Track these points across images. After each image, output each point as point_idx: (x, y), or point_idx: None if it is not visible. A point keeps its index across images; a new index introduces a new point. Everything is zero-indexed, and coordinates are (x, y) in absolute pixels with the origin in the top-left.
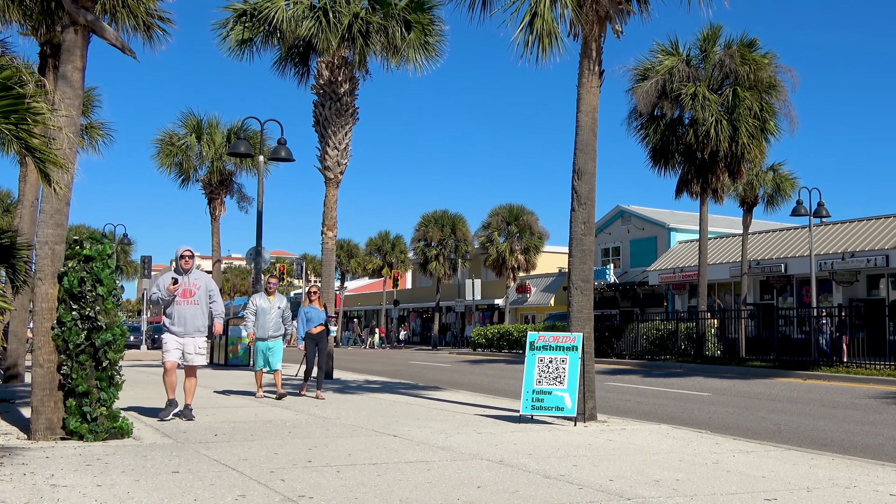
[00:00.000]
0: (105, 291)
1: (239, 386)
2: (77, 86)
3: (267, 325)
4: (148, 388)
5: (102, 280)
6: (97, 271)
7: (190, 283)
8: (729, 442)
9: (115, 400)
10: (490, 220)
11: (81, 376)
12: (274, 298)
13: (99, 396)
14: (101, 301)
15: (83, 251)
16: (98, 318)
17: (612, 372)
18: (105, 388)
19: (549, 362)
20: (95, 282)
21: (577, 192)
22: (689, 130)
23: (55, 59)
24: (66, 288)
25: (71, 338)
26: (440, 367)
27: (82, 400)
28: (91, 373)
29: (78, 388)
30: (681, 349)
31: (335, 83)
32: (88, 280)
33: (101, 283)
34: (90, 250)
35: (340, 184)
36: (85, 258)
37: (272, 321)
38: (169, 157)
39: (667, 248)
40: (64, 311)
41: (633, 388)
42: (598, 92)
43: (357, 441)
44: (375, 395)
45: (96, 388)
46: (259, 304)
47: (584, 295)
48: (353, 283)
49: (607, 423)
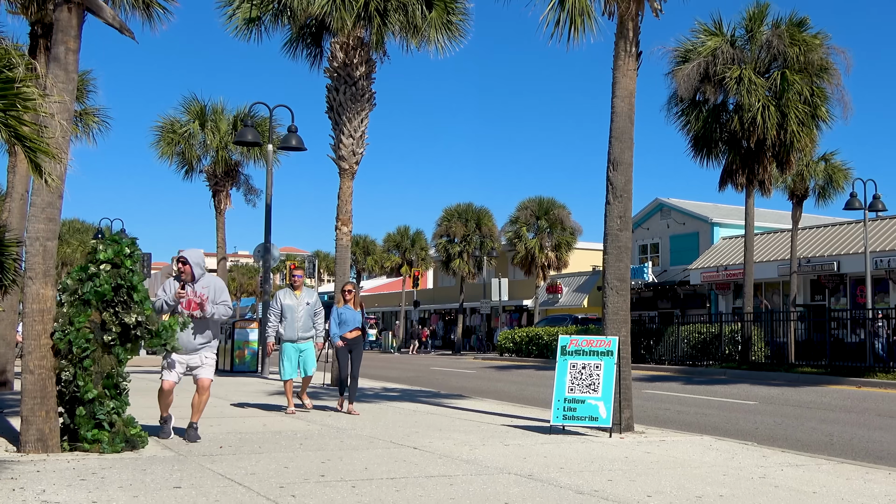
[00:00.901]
0: (142, 298)
1: (253, 396)
2: (71, 69)
3: (296, 325)
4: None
5: (136, 287)
6: (129, 277)
7: (197, 294)
8: (777, 455)
9: (126, 406)
10: (518, 214)
11: (88, 382)
12: (301, 294)
13: (112, 404)
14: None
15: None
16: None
17: (650, 379)
18: (115, 395)
19: (582, 368)
20: (130, 290)
21: (613, 183)
22: (733, 117)
23: (47, 39)
24: (101, 291)
25: (78, 341)
26: (464, 374)
27: (93, 407)
28: (97, 379)
29: (86, 395)
30: (725, 354)
31: (350, 66)
32: (124, 286)
33: (136, 291)
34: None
35: (356, 175)
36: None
37: (301, 320)
38: (170, 145)
39: (709, 245)
40: (76, 313)
41: (673, 397)
42: (634, 75)
43: (374, 454)
44: (394, 403)
45: (106, 394)
46: (284, 301)
47: (620, 295)
48: (370, 282)
49: (645, 434)
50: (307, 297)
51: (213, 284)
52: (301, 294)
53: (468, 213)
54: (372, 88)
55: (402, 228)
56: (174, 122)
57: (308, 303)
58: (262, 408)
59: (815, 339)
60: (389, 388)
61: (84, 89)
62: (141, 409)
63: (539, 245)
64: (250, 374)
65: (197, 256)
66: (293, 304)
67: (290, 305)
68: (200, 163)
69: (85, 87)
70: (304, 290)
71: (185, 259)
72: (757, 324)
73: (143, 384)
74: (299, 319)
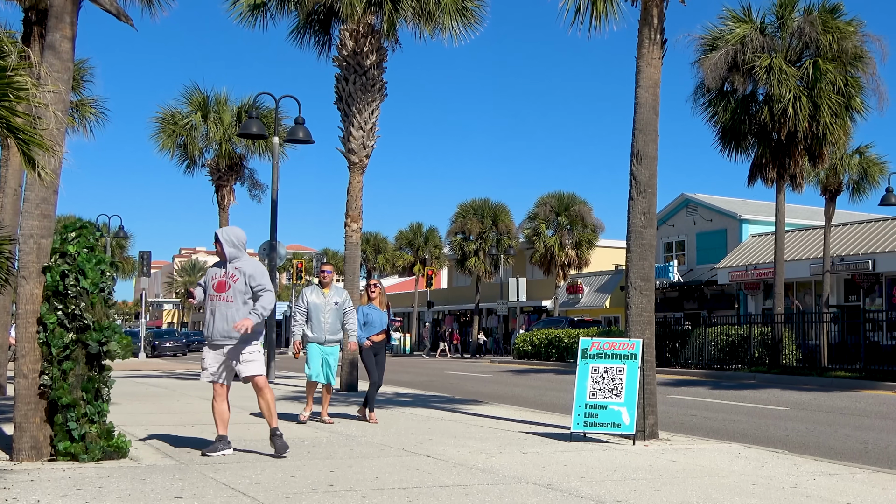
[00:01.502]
0: (89, 284)
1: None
2: (66, 57)
3: (323, 326)
4: (147, 401)
5: (86, 272)
6: (80, 262)
7: (227, 275)
8: (809, 463)
9: (105, 414)
10: (537, 210)
11: (63, 386)
12: (330, 292)
13: (85, 411)
14: (85, 296)
15: (67, 244)
16: (84, 315)
17: (675, 383)
18: (90, 400)
19: (604, 372)
20: (79, 274)
21: (636, 178)
22: (763, 108)
23: (41, 26)
24: (49, 284)
25: (53, 341)
26: (480, 378)
27: (67, 414)
28: (76, 382)
29: (61, 400)
30: (754, 357)
31: (360, 54)
32: (71, 273)
33: (85, 276)
34: (74, 244)
35: (366, 169)
36: (67, 251)
37: (329, 321)
38: (171, 138)
39: (738, 243)
40: (47, 311)
41: (700, 402)
42: (659, 64)
43: (385, 462)
44: (406, 409)
45: (83, 399)
46: (311, 299)
47: (644, 296)
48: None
49: (670, 441)
50: (336, 296)
51: (246, 267)
52: (329, 292)
53: (484, 209)
54: (383, 78)
55: (414, 225)
56: (175, 113)
57: (336, 302)
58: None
59: (849, 341)
60: (401, 393)
61: (80, 79)
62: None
63: (559, 243)
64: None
65: (230, 234)
66: (320, 303)
67: (316, 304)
68: (203, 156)
69: (81, 77)
70: (333, 289)
71: (216, 236)
72: (788, 325)
73: (141, 389)
74: (326, 321)
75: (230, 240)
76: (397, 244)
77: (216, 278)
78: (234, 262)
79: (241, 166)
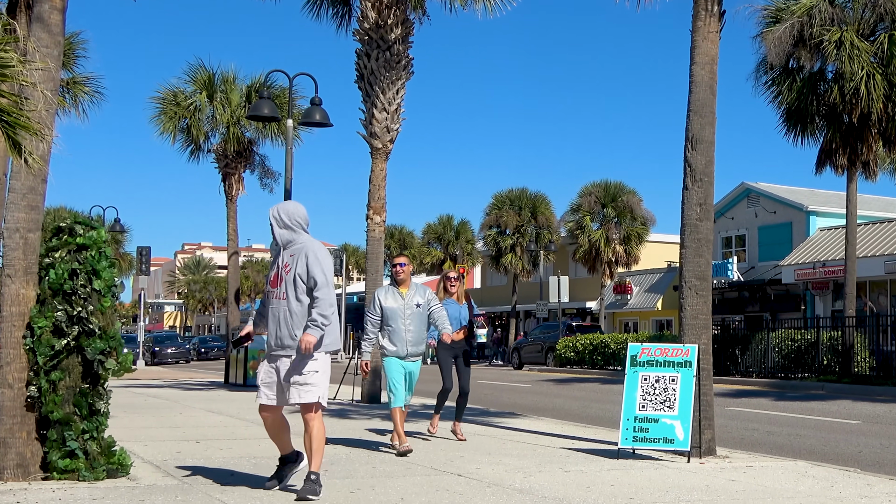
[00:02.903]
0: (102, 286)
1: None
2: (56, 30)
3: (404, 336)
4: (146, 414)
5: (99, 273)
6: (92, 261)
7: (282, 265)
8: (884, 483)
9: (104, 429)
10: (580, 201)
11: (54, 399)
12: (409, 291)
13: (83, 426)
14: (96, 298)
15: (76, 239)
16: (91, 319)
17: (734, 394)
18: (86, 415)
19: (655, 382)
20: (90, 274)
21: (692, 165)
22: (832, 87)
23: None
24: (53, 281)
25: (40, 349)
26: (517, 388)
27: (65, 432)
28: (68, 395)
29: (52, 415)
30: (822, 365)
31: (384, 27)
32: (82, 272)
33: (98, 277)
34: (84, 237)
35: (390, 155)
36: (77, 247)
37: (412, 329)
38: (172, 120)
39: (805, 237)
40: (38, 314)
41: (762, 415)
42: (717, 38)
43: (411, 481)
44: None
45: (76, 414)
46: (386, 303)
47: (700, 296)
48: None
49: (729, 458)
50: (418, 296)
51: (302, 251)
52: (408, 292)
53: (522, 200)
54: (409, 54)
55: (444, 218)
56: (177, 92)
57: (418, 304)
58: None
59: None
60: (429, 404)
61: (72, 55)
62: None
63: (605, 237)
64: None
65: (281, 211)
66: (398, 306)
67: (393, 309)
68: (208, 141)
69: (73, 52)
70: (413, 287)
71: (277, 214)
72: (860, 330)
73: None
74: (408, 328)
75: (280, 218)
76: (425, 239)
77: (272, 269)
78: (289, 247)
79: (251, 152)
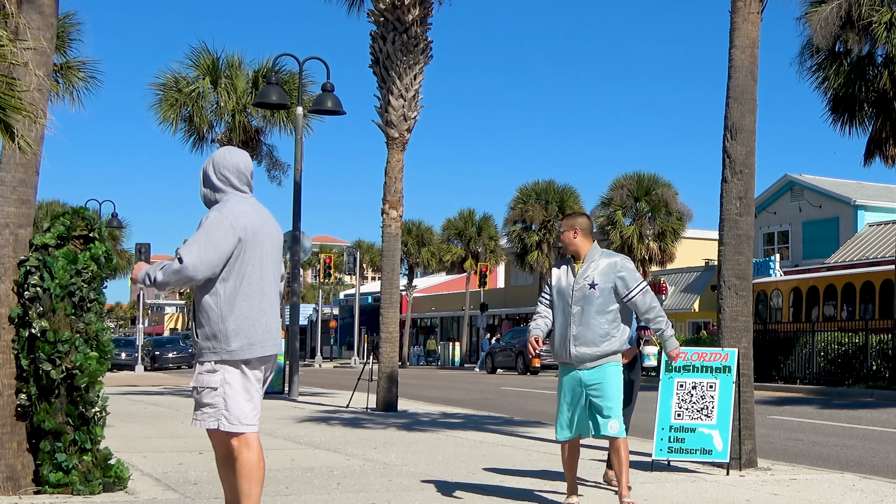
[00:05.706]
0: (55, 286)
1: (278, 424)
2: (49, 11)
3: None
4: (145, 423)
5: (54, 271)
6: (49, 260)
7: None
8: None
9: (99, 440)
10: (611, 194)
11: (45, 408)
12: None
13: (75, 437)
14: (47, 300)
15: (42, 236)
16: (33, 323)
17: (777, 401)
18: (78, 424)
19: (691, 388)
20: (45, 271)
21: (731, 156)
22: (882, 72)
23: None
24: (18, 282)
25: (24, 353)
26: (543, 395)
27: (55, 443)
28: (60, 404)
29: (44, 424)
30: (872, 371)
31: (401, 7)
32: (37, 272)
33: (53, 276)
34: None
35: (408, 145)
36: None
37: (586, 316)
38: (174, 108)
39: (852, 233)
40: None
41: (807, 424)
42: (758, 19)
43: (429, 496)
44: (455, 432)
45: (69, 424)
46: (559, 282)
47: (740, 296)
48: (425, 280)
49: (771, 471)
50: (594, 269)
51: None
52: (583, 266)
53: (548, 194)
54: (428, 37)
55: (465, 213)
56: (179, 78)
57: (594, 283)
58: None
59: None
60: (450, 413)
61: (66, 37)
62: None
63: (638, 233)
64: (274, 395)
65: (210, 164)
66: (566, 286)
67: (561, 290)
68: (212, 130)
69: (67, 35)
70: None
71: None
72: None
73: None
74: (576, 315)
75: (205, 173)
76: (445, 235)
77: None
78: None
79: (259, 142)
